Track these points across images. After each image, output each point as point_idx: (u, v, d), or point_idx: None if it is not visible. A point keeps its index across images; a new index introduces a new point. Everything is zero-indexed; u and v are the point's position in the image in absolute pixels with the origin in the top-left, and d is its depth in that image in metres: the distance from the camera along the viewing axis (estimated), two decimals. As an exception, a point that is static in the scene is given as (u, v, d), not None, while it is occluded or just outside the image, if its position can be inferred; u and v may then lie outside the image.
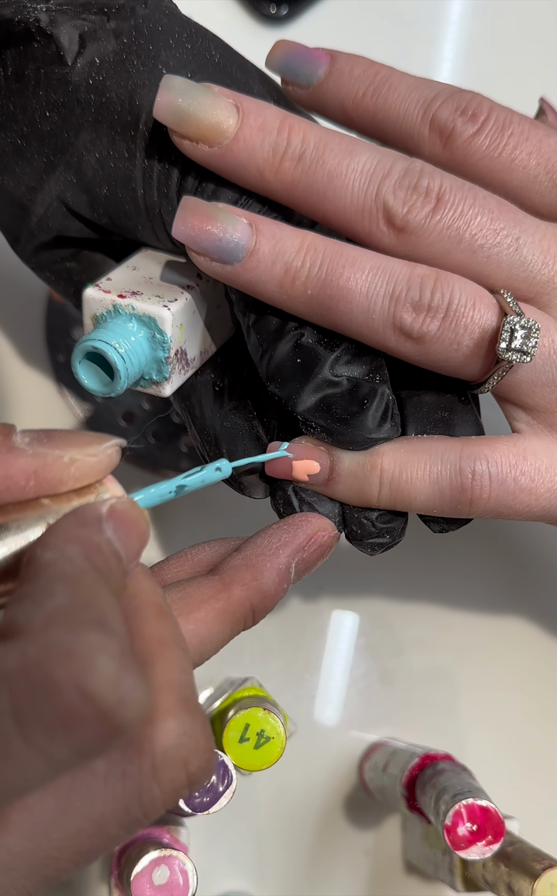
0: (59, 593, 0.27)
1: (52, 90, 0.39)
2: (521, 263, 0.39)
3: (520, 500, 0.40)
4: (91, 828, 0.29)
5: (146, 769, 0.29)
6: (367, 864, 0.59)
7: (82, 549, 0.29)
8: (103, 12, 0.39)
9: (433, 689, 0.60)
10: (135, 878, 0.45)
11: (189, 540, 0.58)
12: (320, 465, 0.40)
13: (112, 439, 0.33)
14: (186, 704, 0.30)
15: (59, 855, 0.29)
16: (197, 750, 0.30)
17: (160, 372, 0.40)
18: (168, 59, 0.39)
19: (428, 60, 0.62)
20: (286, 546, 0.38)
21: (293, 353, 0.39)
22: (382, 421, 0.39)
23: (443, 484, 0.40)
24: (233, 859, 0.58)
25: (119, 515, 0.31)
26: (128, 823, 0.30)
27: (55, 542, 0.30)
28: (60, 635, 0.26)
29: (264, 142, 0.38)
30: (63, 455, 0.32)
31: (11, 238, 0.42)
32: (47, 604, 0.27)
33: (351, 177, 0.38)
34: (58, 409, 0.58)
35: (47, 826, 0.29)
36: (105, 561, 0.29)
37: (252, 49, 0.44)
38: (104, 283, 0.40)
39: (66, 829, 0.29)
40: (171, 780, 0.29)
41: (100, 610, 0.27)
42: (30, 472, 0.31)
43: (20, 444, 0.31)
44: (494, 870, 0.49)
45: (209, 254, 0.38)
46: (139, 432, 0.58)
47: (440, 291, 0.38)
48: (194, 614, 0.35)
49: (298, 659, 0.60)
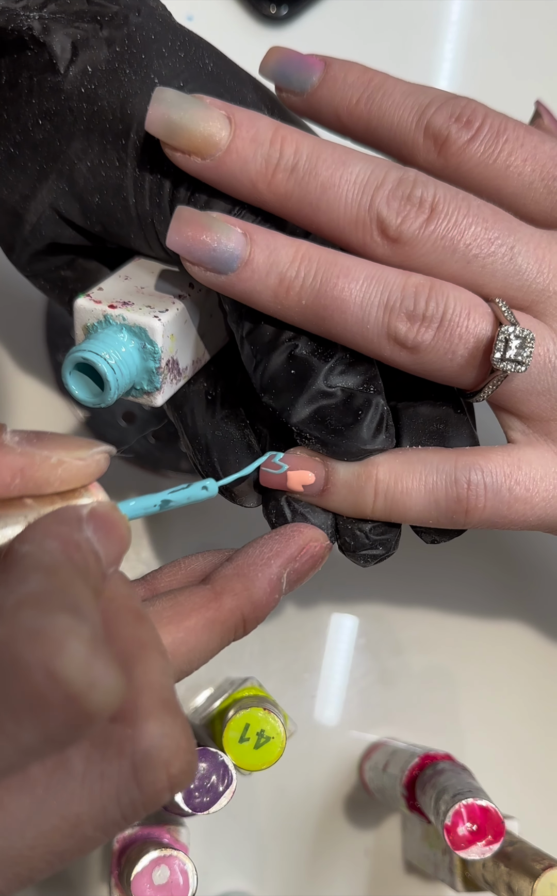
0: (33, 580, 0.27)
1: (44, 98, 0.39)
2: (516, 272, 0.39)
3: (515, 509, 0.40)
4: (66, 828, 0.29)
5: (126, 770, 0.29)
6: (367, 864, 0.59)
7: (61, 543, 0.29)
8: (96, 20, 0.39)
9: (433, 689, 0.60)
10: (135, 878, 0.45)
11: (182, 548, 0.58)
12: (315, 476, 0.40)
13: (101, 445, 0.33)
14: (167, 706, 0.30)
15: (31, 854, 0.29)
16: (178, 751, 0.29)
17: (151, 382, 0.40)
18: (160, 67, 0.39)
19: (428, 61, 0.62)
20: (278, 556, 0.38)
21: (287, 364, 0.39)
22: (377, 432, 0.39)
23: (439, 495, 0.40)
24: (233, 859, 0.58)
25: (99, 517, 0.31)
26: (105, 825, 0.29)
27: (34, 536, 0.30)
28: (31, 616, 0.25)
29: (257, 153, 0.38)
30: (51, 456, 0.32)
31: (6, 246, 0.42)
32: (20, 588, 0.27)
33: (344, 188, 0.38)
34: (57, 409, 0.58)
35: (21, 824, 0.29)
36: (83, 557, 0.30)
37: (251, 49, 0.44)
38: (95, 292, 0.40)
39: (40, 827, 0.29)
40: (152, 783, 0.29)
41: (73, 597, 0.27)
42: (16, 470, 0.31)
43: (9, 442, 0.31)
44: (494, 870, 0.49)
45: (203, 264, 0.38)
46: (138, 434, 0.58)
47: (434, 301, 0.38)
48: (184, 623, 0.35)
49: (298, 659, 0.60)
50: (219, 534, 0.58)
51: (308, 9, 0.61)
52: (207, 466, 0.43)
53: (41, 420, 0.58)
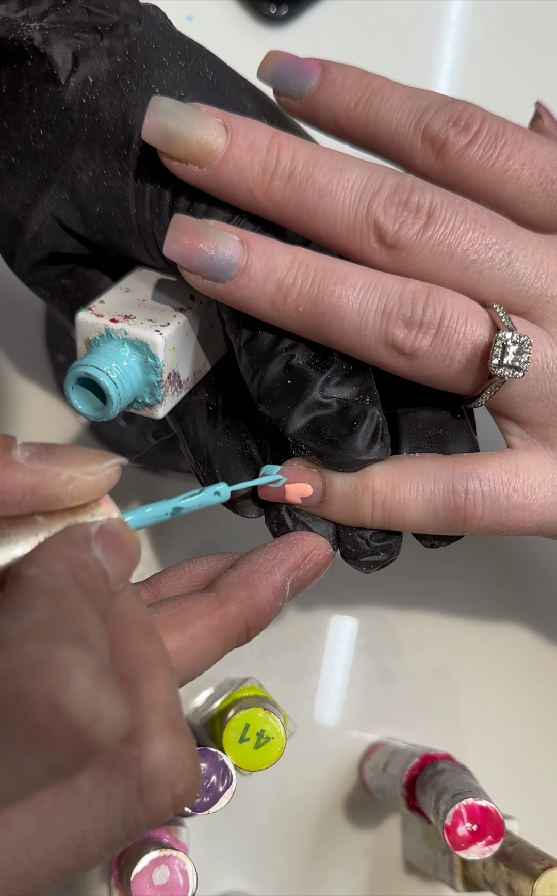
0: (39, 607, 0.27)
1: (45, 109, 0.39)
2: (514, 277, 0.39)
3: (514, 516, 0.40)
4: (72, 847, 0.29)
5: (132, 791, 0.29)
6: (367, 864, 0.59)
7: (68, 565, 0.29)
8: (97, 31, 0.39)
9: (433, 689, 0.61)
10: (135, 878, 0.45)
11: (183, 547, 0.58)
12: (313, 488, 0.40)
13: (112, 458, 0.32)
14: (174, 726, 0.30)
15: (37, 872, 0.29)
16: (184, 772, 0.29)
17: (153, 395, 0.40)
18: (161, 77, 0.39)
19: (427, 61, 0.62)
20: (282, 564, 0.38)
21: (283, 375, 0.39)
22: (372, 442, 0.39)
23: (436, 504, 0.40)
24: (233, 859, 0.58)
25: (109, 535, 0.31)
26: (110, 844, 0.29)
27: (41, 558, 0.30)
28: (36, 648, 0.25)
29: (253, 161, 0.38)
30: (62, 473, 0.31)
31: (7, 255, 0.42)
32: (26, 617, 0.27)
33: (341, 194, 0.38)
34: (57, 409, 0.59)
35: (28, 843, 0.29)
36: (91, 579, 0.29)
37: (251, 49, 0.44)
38: (97, 306, 0.40)
39: (47, 846, 0.29)
40: (157, 803, 0.29)
41: (80, 625, 0.27)
42: (27, 489, 0.31)
43: (19, 459, 0.31)
44: (494, 870, 0.49)
45: (201, 272, 0.38)
46: (138, 434, 0.58)
47: (432, 307, 0.38)
48: (188, 630, 0.35)
49: (298, 659, 0.60)
50: (219, 534, 0.58)
51: (308, 9, 0.61)
52: (209, 477, 0.43)
53: (41, 419, 0.58)
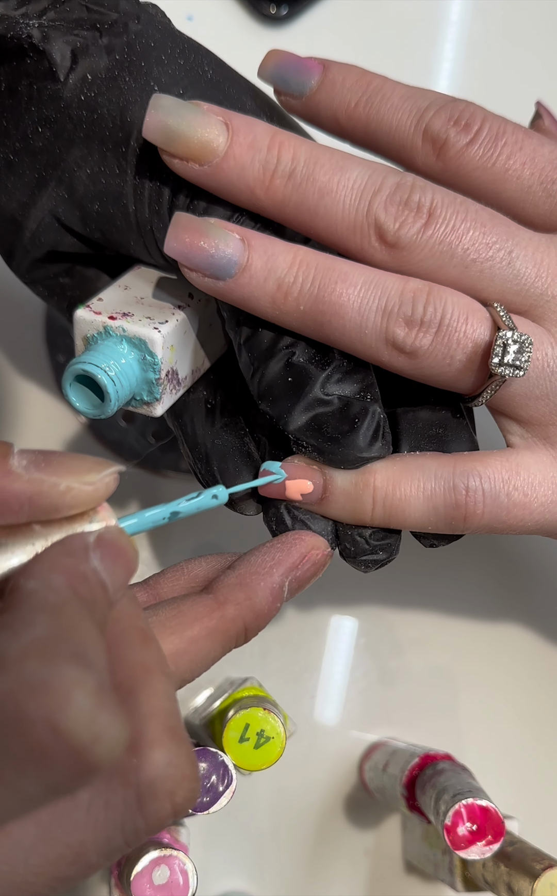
0: (38, 624, 0.27)
1: (43, 106, 0.39)
2: (514, 277, 0.39)
3: (514, 514, 0.40)
4: (70, 855, 0.29)
5: (130, 800, 0.29)
6: (367, 864, 0.59)
7: (67, 578, 0.29)
8: (96, 28, 0.39)
9: (433, 689, 0.61)
10: (135, 878, 0.45)
11: (183, 550, 0.58)
12: (313, 485, 0.40)
13: (110, 466, 0.32)
14: (172, 734, 0.30)
15: (36, 880, 0.29)
16: (183, 780, 0.29)
17: (151, 393, 0.40)
18: (160, 75, 0.39)
19: (427, 61, 0.62)
20: (279, 565, 0.38)
21: (284, 372, 0.39)
22: (373, 439, 0.39)
23: (437, 501, 0.40)
24: (233, 859, 0.58)
25: (107, 545, 0.31)
26: (108, 852, 0.29)
27: (39, 571, 0.30)
28: (35, 668, 0.25)
29: (254, 159, 0.38)
30: (60, 483, 0.31)
31: (5, 253, 0.42)
32: (25, 634, 0.27)
33: (341, 193, 0.38)
34: (57, 409, 0.58)
35: (26, 852, 0.29)
36: (90, 590, 0.29)
37: (251, 49, 0.44)
38: (95, 303, 0.40)
39: (46, 855, 0.29)
40: (156, 811, 0.29)
41: (80, 643, 0.27)
42: (24, 499, 0.31)
43: (17, 468, 0.31)
44: (494, 870, 0.49)
45: (201, 270, 0.38)
46: (137, 434, 0.58)
47: (432, 306, 0.38)
48: (187, 632, 0.35)
49: (298, 659, 0.60)
50: (218, 533, 0.58)
51: (308, 9, 0.61)
52: (207, 475, 0.42)
53: (41, 419, 0.58)
